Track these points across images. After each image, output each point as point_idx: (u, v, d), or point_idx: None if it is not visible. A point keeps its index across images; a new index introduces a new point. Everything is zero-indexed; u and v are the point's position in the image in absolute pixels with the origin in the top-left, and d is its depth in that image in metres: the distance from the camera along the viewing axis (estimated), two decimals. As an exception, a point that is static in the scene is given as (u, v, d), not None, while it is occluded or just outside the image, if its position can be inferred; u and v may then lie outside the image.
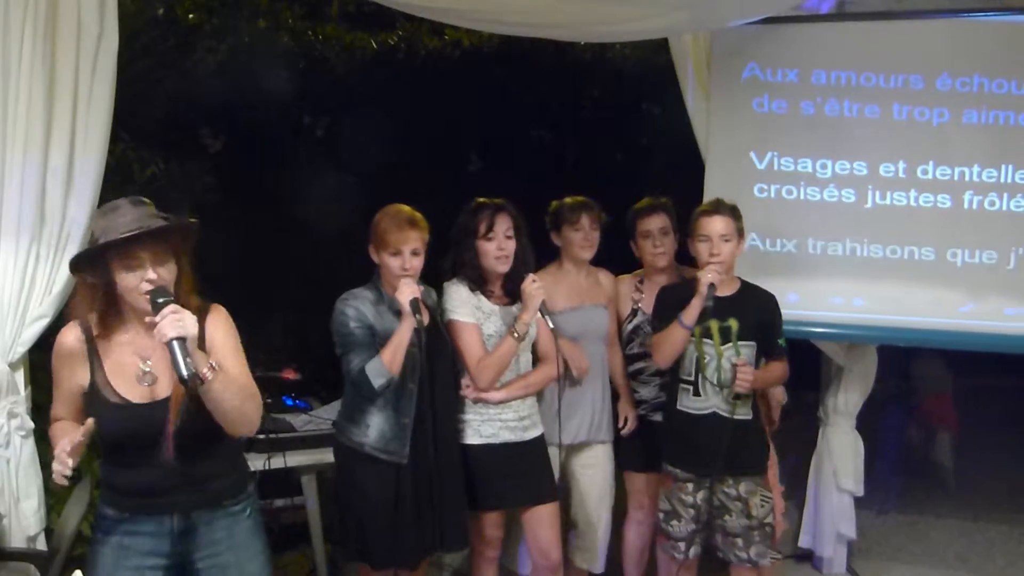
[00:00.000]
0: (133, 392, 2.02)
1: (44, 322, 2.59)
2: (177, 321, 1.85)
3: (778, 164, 3.48)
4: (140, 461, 2.02)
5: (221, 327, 2.10)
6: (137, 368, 2.03)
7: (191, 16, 4.65)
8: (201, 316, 2.03)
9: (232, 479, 2.17)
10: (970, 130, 3.31)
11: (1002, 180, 3.31)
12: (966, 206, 3.34)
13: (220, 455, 2.13)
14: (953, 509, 4.63)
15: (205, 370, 1.89)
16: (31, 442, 2.64)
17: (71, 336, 2.03)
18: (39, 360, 2.73)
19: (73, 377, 2.03)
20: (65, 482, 1.87)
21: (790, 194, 3.48)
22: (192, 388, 1.89)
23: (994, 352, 3.51)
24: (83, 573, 2.18)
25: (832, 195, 3.44)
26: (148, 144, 4.12)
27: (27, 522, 2.61)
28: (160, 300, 1.90)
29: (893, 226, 3.41)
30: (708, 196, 3.49)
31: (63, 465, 1.85)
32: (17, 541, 2.59)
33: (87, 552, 2.16)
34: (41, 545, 2.66)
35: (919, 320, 3.40)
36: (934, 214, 3.37)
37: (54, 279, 2.59)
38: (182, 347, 1.83)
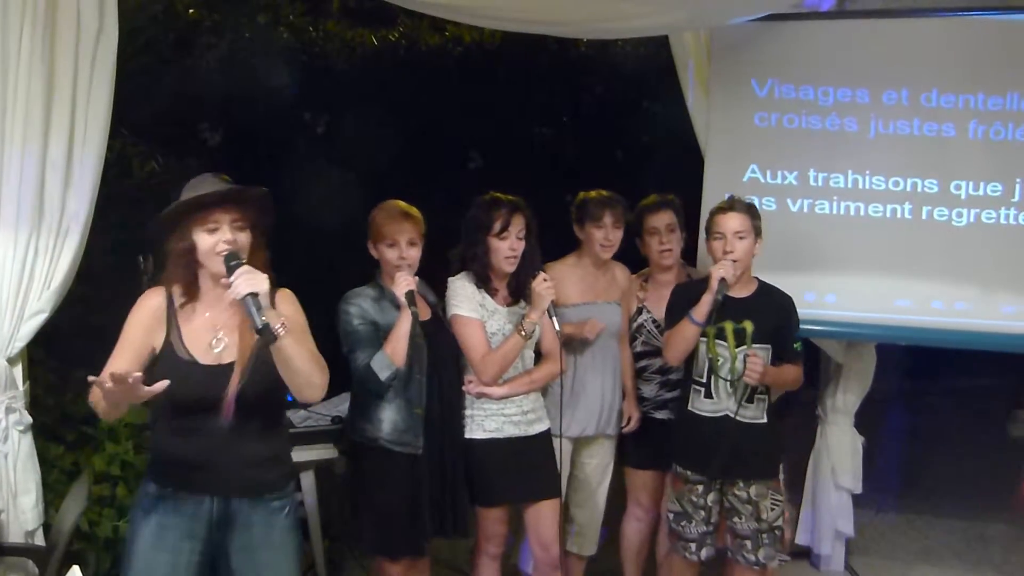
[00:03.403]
0: (202, 354, 2.11)
1: (42, 317, 2.58)
2: (250, 277, 1.98)
3: (779, 91, 3.40)
4: (195, 427, 2.07)
5: (291, 304, 2.20)
6: (211, 335, 2.12)
7: (191, 12, 4.64)
8: (271, 291, 2.09)
9: (276, 472, 2.21)
10: (976, 54, 3.23)
11: (1007, 108, 3.22)
12: (971, 135, 3.26)
13: (270, 442, 2.19)
14: (951, 507, 4.63)
15: (278, 325, 1.97)
16: (29, 437, 2.63)
17: (156, 298, 2.13)
18: (37, 355, 2.74)
19: (148, 336, 2.10)
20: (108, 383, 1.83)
21: (791, 123, 3.40)
22: (265, 341, 1.96)
23: (993, 351, 3.49)
24: (84, 569, 2.18)
25: (834, 124, 3.36)
26: (148, 140, 4.12)
27: (25, 517, 2.60)
28: (233, 263, 2.02)
29: (896, 156, 3.32)
30: (712, 126, 3.46)
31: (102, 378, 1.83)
32: (15, 536, 2.59)
33: (94, 548, 2.16)
34: (39, 540, 2.65)
35: (921, 319, 3.35)
36: (938, 143, 3.28)
37: (53, 273, 2.58)
38: (255, 302, 1.96)
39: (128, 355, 2.08)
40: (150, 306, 2.12)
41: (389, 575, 2.75)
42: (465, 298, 2.83)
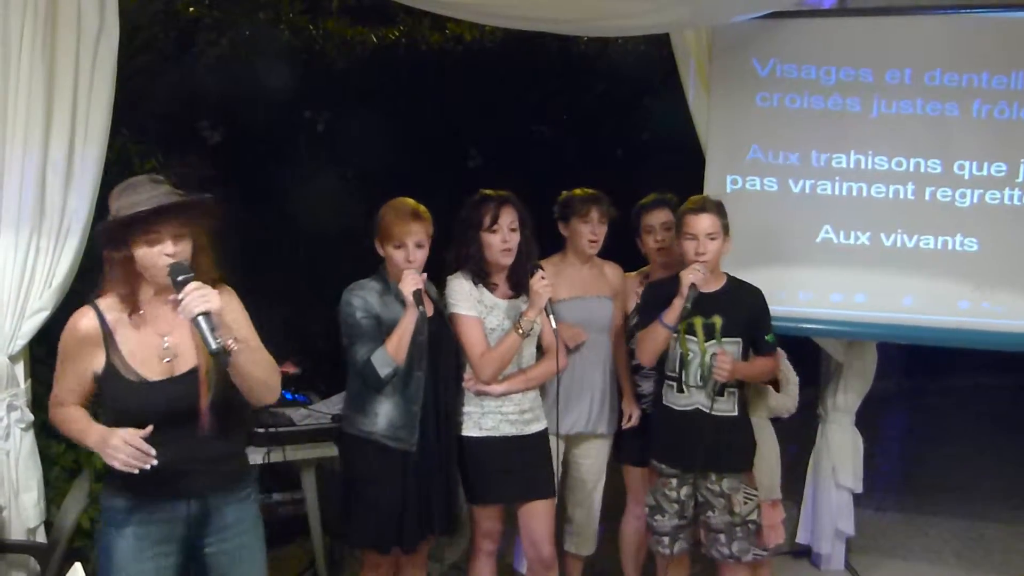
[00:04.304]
0: (152, 370, 2.04)
1: (44, 315, 2.59)
2: (201, 296, 1.89)
3: (780, 71, 3.38)
4: (159, 440, 1.94)
5: (234, 303, 2.13)
6: (158, 346, 2.05)
7: (191, 10, 4.65)
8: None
9: (241, 461, 2.22)
10: (979, 34, 3.22)
11: (1012, 87, 3.20)
12: (974, 115, 3.23)
13: (234, 435, 2.17)
14: (951, 506, 4.64)
15: (231, 342, 1.91)
16: (31, 435, 2.64)
17: (86, 320, 2.03)
18: (39, 353, 2.74)
19: (88, 361, 2.03)
20: (146, 464, 1.89)
21: (793, 103, 3.38)
22: (221, 362, 1.91)
23: (993, 349, 3.49)
24: (85, 566, 2.19)
25: (837, 104, 3.34)
26: (148, 138, 4.11)
27: (27, 514, 2.61)
28: (180, 278, 1.93)
29: (899, 136, 3.31)
30: (714, 107, 3.45)
31: (146, 456, 1.88)
32: (17, 533, 2.60)
33: (94, 545, 2.16)
34: (41, 537, 2.66)
35: (922, 317, 3.34)
36: (941, 123, 3.26)
37: (54, 272, 2.59)
38: (208, 322, 1.88)
39: (74, 384, 2.05)
40: (81, 329, 2.02)
41: (377, 567, 2.76)
42: (463, 296, 2.83)
